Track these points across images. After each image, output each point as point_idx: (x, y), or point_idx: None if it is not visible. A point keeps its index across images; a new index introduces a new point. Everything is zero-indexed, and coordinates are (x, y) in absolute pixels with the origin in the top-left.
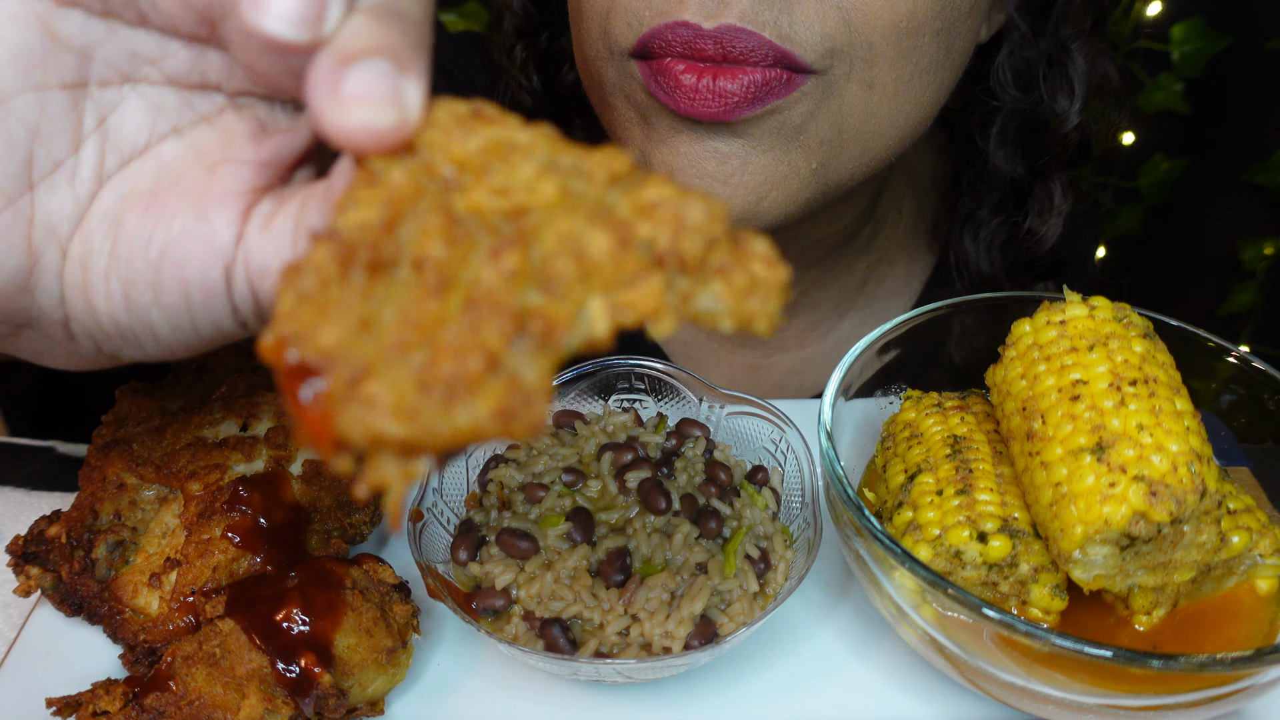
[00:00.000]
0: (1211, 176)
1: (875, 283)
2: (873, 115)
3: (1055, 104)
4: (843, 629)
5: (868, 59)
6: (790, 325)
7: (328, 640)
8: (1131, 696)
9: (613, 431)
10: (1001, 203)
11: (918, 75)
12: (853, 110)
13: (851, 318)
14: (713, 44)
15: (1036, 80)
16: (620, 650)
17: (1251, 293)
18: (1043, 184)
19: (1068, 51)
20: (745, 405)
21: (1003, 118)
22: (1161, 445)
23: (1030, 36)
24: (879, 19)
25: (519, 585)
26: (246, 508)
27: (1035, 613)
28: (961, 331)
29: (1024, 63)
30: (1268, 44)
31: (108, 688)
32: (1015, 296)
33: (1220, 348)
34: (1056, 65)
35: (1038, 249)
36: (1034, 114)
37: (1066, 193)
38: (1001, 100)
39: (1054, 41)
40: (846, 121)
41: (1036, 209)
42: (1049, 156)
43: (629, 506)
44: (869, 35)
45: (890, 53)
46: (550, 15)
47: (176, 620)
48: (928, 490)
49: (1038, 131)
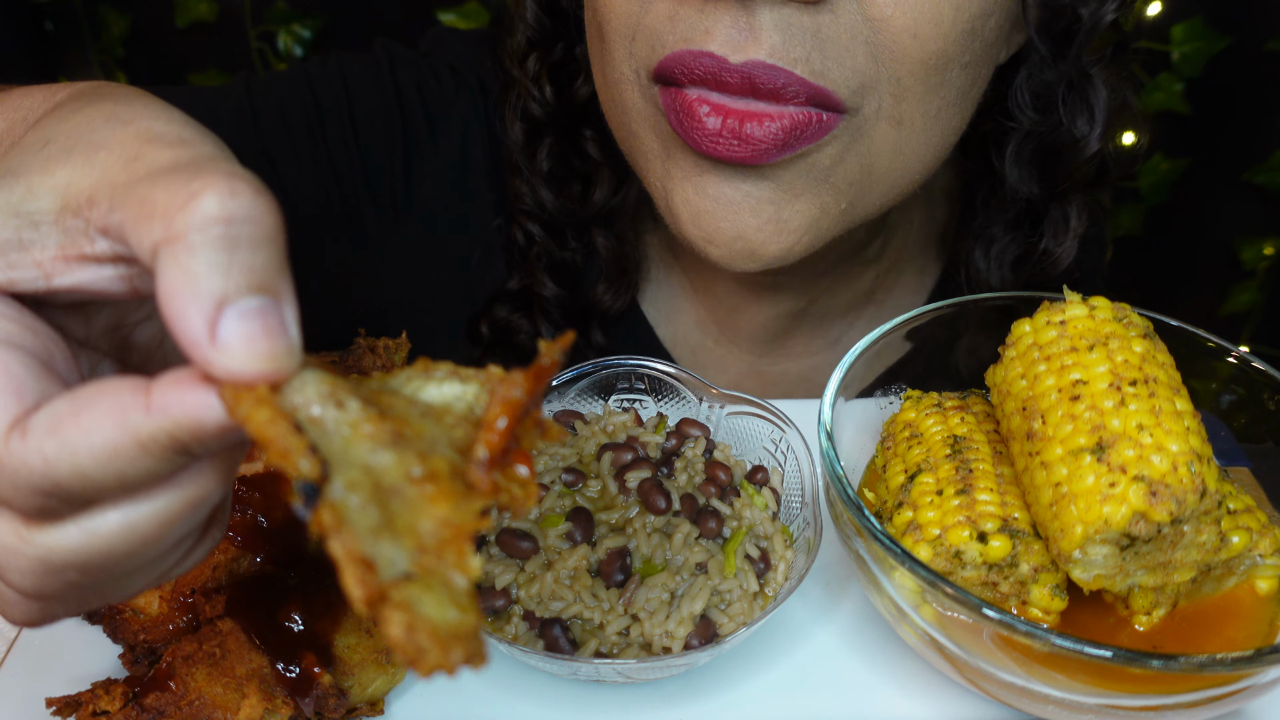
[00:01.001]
0: (1211, 176)
1: (884, 291)
2: (901, 152)
3: (1075, 128)
4: (843, 629)
5: (896, 94)
6: (798, 332)
7: (328, 640)
8: (1131, 696)
9: (613, 431)
10: (1015, 220)
11: (945, 108)
12: (882, 149)
13: (860, 326)
14: (739, 78)
15: (1055, 103)
16: (620, 650)
17: (1251, 293)
18: (1059, 206)
19: (1089, 77)
20: (745, 405)
21: (1019, 138)
22: (1161, 445)
23: (1050, 59)
24: (907, 56)
25: (519, 585)
26: (246, 507)
27: (1035, 613)
28: (967, 336)
29: (1043, 85)
30: (1268, 44)
31: (108, 688)
32: (1015, 296)
33: (1220, 348)
34: (1077, 90)
35: (1052, 269)
36: (1052, 137)
37: (1082, 214)
38: (1019, 121)
39: (1075, 66)
40: (876, 161)
41: (1052, 230)
42: (1066, 179)
43: (629, 506)
44: (897, 71)
45: (919, 89)
46: (565, 27)
47: (176, 620)
48: (928, 490)
49: (1056, 154)
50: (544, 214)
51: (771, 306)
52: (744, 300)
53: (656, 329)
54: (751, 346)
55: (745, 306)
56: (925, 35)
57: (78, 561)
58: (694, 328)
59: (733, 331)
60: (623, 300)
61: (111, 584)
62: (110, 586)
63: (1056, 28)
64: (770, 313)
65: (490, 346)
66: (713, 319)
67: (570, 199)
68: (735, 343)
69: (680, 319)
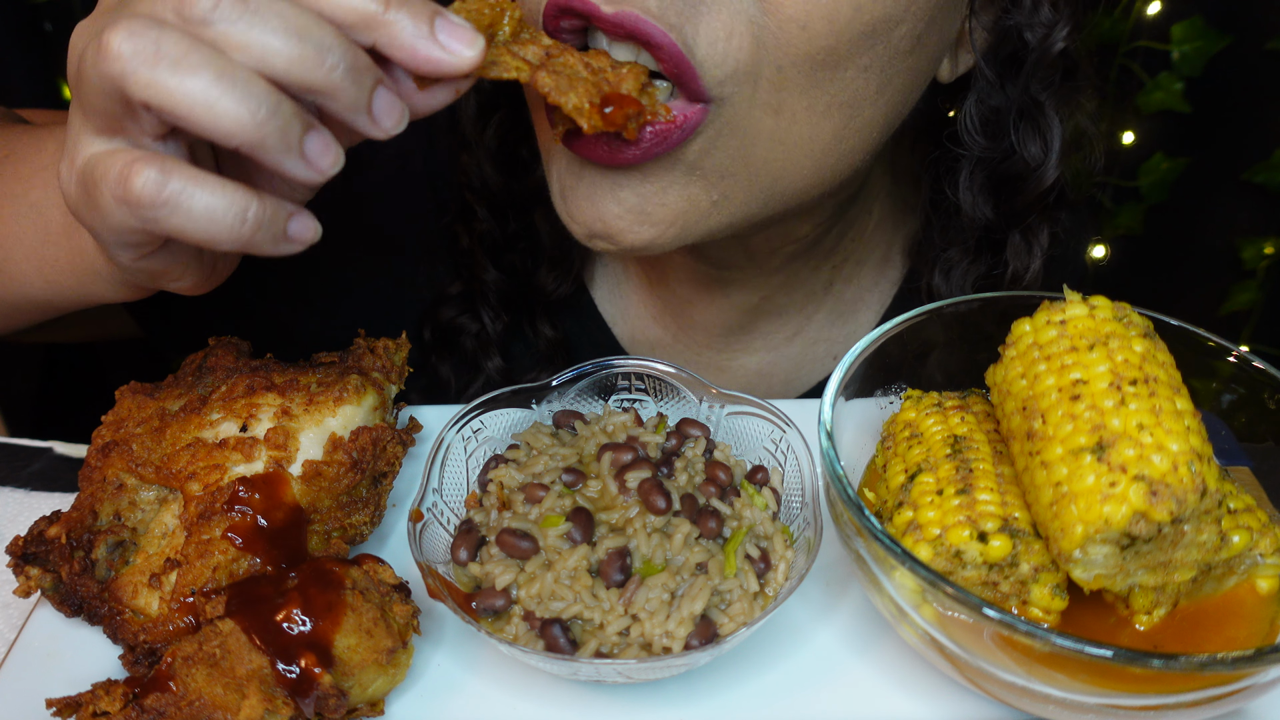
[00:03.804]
0: (1211, 176)
1: (843, 283)
2: (782, 142)
3: (1027, 155)
4: (843, 629)
5: (776, 83)
6: (755, 327)
7: (328, 641)
8: (1132, 696)
9: (613, 431)
10: (976, 246)
11: (836, 108)
12: (758, 138)
13: (819, 320)
14: (610, 27)
15: (1006, 129)
16: (620, 650)
17: (1251, 292)
18: (1019, 231)
19: (1039, 105)
20: (745, 405)
21: (970, 165)
22: (1162, 445)
23: (998, 85)
24: (793, 46)
25: (519, 585)
26: (246, 508)
27: (1035, 612)
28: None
29: (991, 111)
30: (1268, 44)
31: (108, 688)
32: (1015, 297)
33: (1220, 347)
34: (1028, 117)
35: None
36: (1004, 164)
37: (1043, 236)
38: (968, 147)
39: (1025, 94)
40: (752, 151)
41: (1014, 254)
42: (1024, 206)
43: (629, 506)
44: (779, 60)
45: (802, 81)
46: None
47: (176, 621)
48: (928, 490)
49: (1010, 182)
50: (488, 191)
51: (723, 300)
52: (695, 294)
53: (612, 325)
54: (708, 341)
55: (697, 300)
56: (816, 30)
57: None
58: (649, 321)
59: (688, 325)
60: (566, 286)
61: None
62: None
63: (1003, 52)
64: (723, 306)
65: (433, 350)
66: (667, 312)
67: (514, 176)
68: (691, 336)
69: (634, 312)
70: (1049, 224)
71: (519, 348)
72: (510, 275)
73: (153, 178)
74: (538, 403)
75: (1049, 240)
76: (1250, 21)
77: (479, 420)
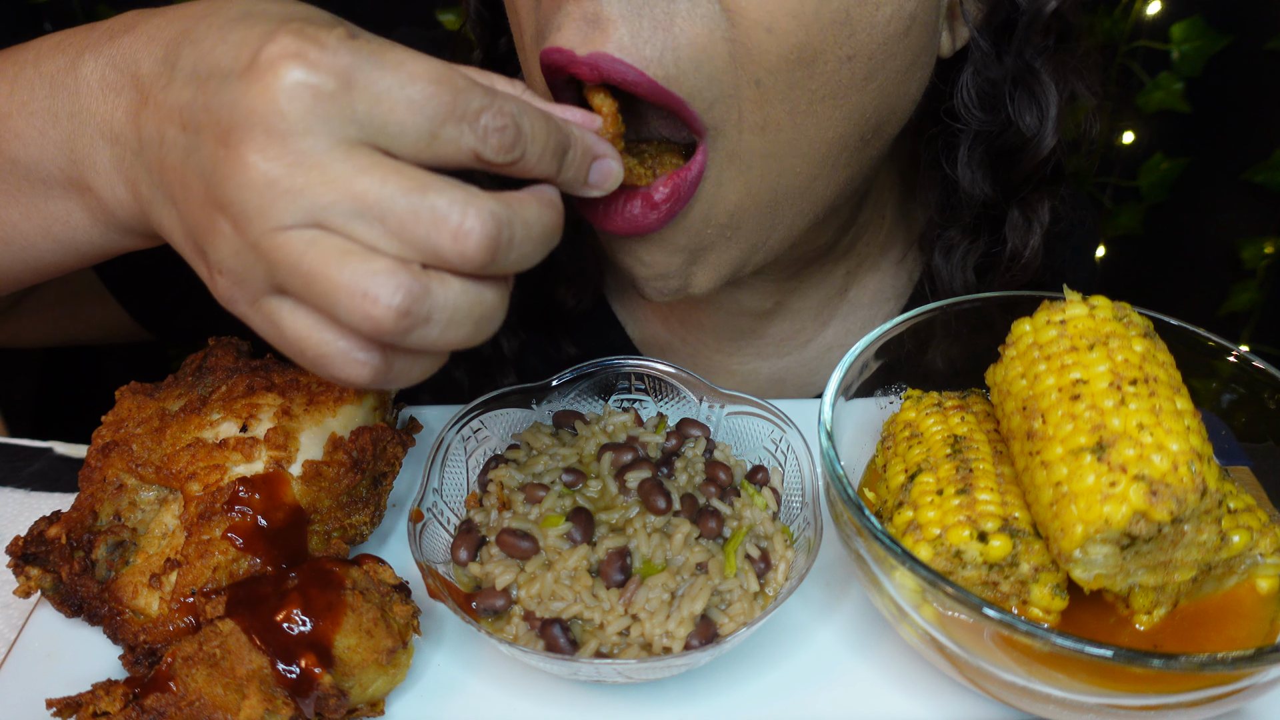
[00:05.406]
0: (1211, 176)
1: (858, 288)
2: (772, 154)
3: (1023, 124)
4: (843, 629)
5: (756, 100)
6: (768, 332)
7: (328, 641)
8: (1132, 696)
9: (613, 431)
10: (974, 225)
11: (819, 102)
12: (753, 160)
13: (834, 325)
14: (588, 70)
15: (1002, 101)
16: (620, 650)
17: (1251, 292)
18: (1018, 206)
19: (1034, 71)
20: (745, 405)
21: (969, 140)
22: (1162, 444)
23: (994, 55)
24: (765, 53)
25: (519, 585)
26: (246, 508)
27: (1036, 612)
28: (957, 333)
29: (988, 83)
30: (1268, 43)
31: (108, 688)
32: (1015, 297)
33: (1220, 347)
34: (1023, 85)
35: (1022, 276)
36: (1002, 137)
37: (1044, 212)
38: (966, 122)
39: (1019, 61)
40: (750, 174)
41: (1013, 230)
42: (1023, 179)
43: (629, 506)
44: (756, 73)
45: (781, 87)
46: (504, 18)
47: (176, 621)
48: (928, 490)
49: (1008, 155)
50: None
51: (734, 305)
52: (707, 297)
53: (626, 328)
54: (719, 345)
55: (708, 304)
56: (783, 29)
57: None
58: (660, 325)
59: (698, 329)
60: (585, 301)
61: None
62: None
63: (996, 20)
64: (735, 310)
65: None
66: (677, 316)
67: None
68: (702, 341)
69: (647, 316)
70: (1049, 198)
71: (535, 360)
72: (526, 292)
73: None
74: (538, 403)
75: (1049, 216)
76: (1250, 21)
77: (479, 420)
